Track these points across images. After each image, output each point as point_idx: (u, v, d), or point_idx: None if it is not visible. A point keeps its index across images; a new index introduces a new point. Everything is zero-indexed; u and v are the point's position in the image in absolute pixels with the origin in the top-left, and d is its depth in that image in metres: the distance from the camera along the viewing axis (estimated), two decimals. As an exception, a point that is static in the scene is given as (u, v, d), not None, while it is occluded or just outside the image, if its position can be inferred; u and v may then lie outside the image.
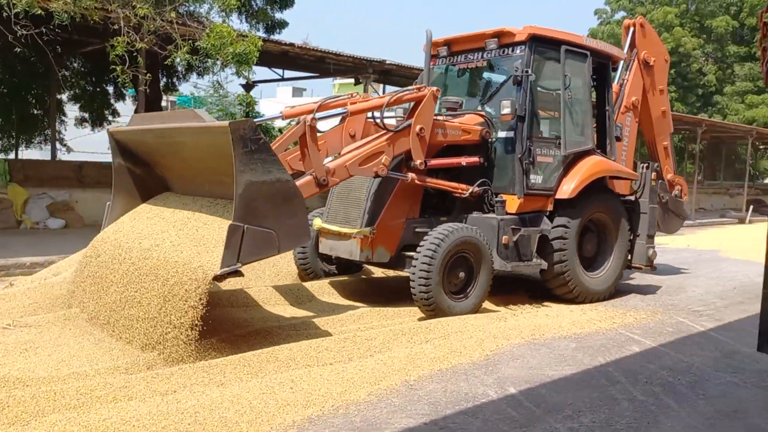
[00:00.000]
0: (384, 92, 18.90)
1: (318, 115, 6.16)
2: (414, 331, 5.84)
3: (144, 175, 6.35)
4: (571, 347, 5.86)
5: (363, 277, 8.03)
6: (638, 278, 9.69)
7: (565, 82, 7.61)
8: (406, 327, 5.91)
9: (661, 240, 12.09)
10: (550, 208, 7.58)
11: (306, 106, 6.63)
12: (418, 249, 6.39)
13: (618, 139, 8.69)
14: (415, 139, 6.73)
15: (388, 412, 4.24)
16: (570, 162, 7.68)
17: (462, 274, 6.64)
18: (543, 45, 7.56)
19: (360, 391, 4.56)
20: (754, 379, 5.26)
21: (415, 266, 6.31)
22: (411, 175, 6.79)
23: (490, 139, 7.45)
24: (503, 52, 7.61)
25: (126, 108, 20.34)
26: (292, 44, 12.46)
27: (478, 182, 7.26)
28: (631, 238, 8.31)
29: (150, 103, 12.36)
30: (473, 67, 8.07)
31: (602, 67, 8.41)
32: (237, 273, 4.93)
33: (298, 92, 51.56)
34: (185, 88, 28.91)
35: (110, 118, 18.76)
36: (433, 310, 6.35)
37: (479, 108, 7.86)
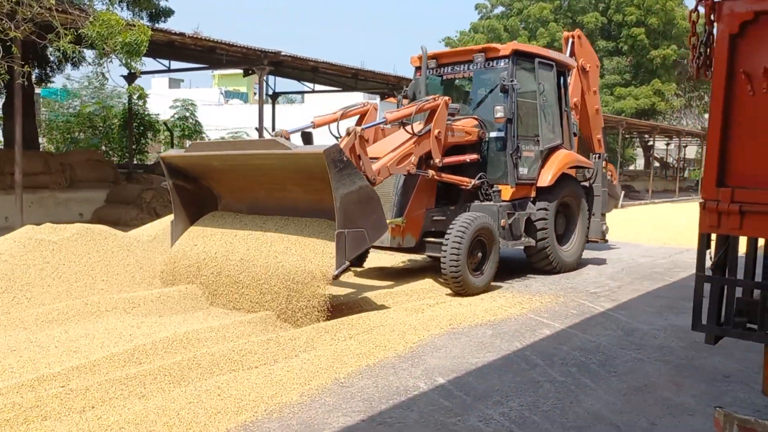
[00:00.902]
0: (272, 84, 18.82)
1: (364, 126, 7.22)
2: (337, 329, 5.78)
3: (199, 194, 7.29)
4: (488, 334, 6.04)
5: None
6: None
7: (539, 89, 9.07)
8: (329, 325, 5.84)
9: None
10: (533, 194, 9.02)
11: (330, 115, 7.76)
12: (447, 235, 7.47)
13: (574, 134, 10.16)
14: (434, 141, 7.74)
15: (323, 412, 4.18)
16: (546, 155, 9.15)
17: (479, 254, 7.77)
18: (521, 58, 8.89)
19: (291, 392, 4.46)
20: (656, 354, 5.66)
21: (445, 250, 7.36)
22: (431, 172, 7.89)
23: (484, 139, 8.67)
24: (488, 64, 8.90)
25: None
26: (182, 34, 11.90)
27: (478, 176, 8.47)
28: (589, 216, 9.92)
29: (26, 98, 11.41)
30: (460, 77, 9.41)
31: (561, 75, 9.76)
32: (346, 270, 6.06)
33: (175, 83, 49.54)
34: (58, 80, 27.00)
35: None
36: (461, 285, 7.42)
37: (471, 112, 8.99)
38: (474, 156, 8.52)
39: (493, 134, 8.69)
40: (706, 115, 40.33)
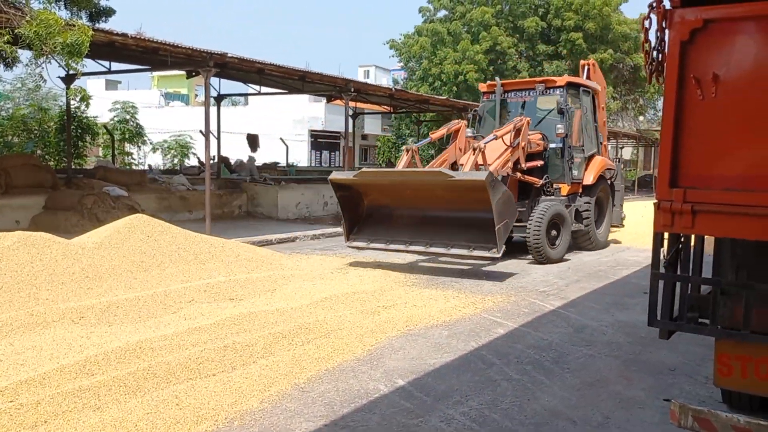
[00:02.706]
0: (217, 86, 18.52)
1: (484, 142, 9.89)
2: (294, 333, 5.75)
3: (360, 203, 10.04)
4: (444, 335, 6.11)
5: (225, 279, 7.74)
6: (487, 265, 10.33)
7: (582, 110, 11.89)
8: (285, 329, 5.80)
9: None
10: (580, 191, 11.77)
11: (442, 130, 11.16)
12: (530, 219, 10.17)
13: (601, 143, 12.84)
14: (522, 151, 10.56)
15: (285, 418, 4.15)
16: (588, 161, 11.94)
17: (554, 233, 10.48)
18: (571, 87, 11.76)
19: (251, 399, 4.41)
20: (606, 350, 5.85)
21: (529, 229, 10.11)
22: (518, 174, 10.72)
23: (547, 149, 11.36)
24: (547, 92, 11.66)
25: None
26: (125, 34, 11.53)
27: (544, 177, 11.19)
28: (612, 207, 12.84)
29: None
30: (520, 100, 11.99)
31: (593, 98, 12.61)
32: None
33: (112, 85, 48.12)
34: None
35: None
36: (541, 255, 10.14)
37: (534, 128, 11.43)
38: (541, 162, 11.25)
39: (552, 145, 11.39)
40: (641, 118, 41.82)
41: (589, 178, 11.79)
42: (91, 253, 7.41)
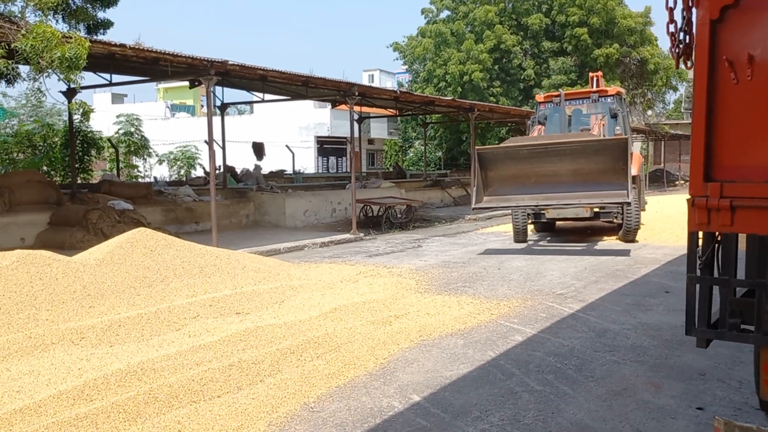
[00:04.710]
0: (220, 95, 18.33)
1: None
2: (302, 348, 5.49)
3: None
4: (459, 344, 5.84)
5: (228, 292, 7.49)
6: (500, 267, 10.04)
7: (622, 113, 13.82)
8: (294, 344, 5.55)
9: (498, 229, 12.78)
10: None
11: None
12: (628, 207, 12.13)
13: None
14: None
15: (294, 443, 3.89)
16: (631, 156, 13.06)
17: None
18: (619, 96, 13.97)
19: (258, 422, 4.16)
20: (630, 355, 5.55)
21: (630, 214, 12.37)
22: None
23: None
24: (599, 99, 13.83)
25: None
26: (123, 45, 11.34)
27: None
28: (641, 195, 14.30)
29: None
30: (576, 108, 14.17)
31: (624, 102, 14.75)
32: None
33: (118, 99, 48.22)
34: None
35: None
36: (635, 235, 12.64)
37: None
38: None
39: None
40: (649, 112, 41.29)
41: (634, 170, 13.08)
42: (93, 270, 7.19)
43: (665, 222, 15.72)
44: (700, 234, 2.92)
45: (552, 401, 4.52)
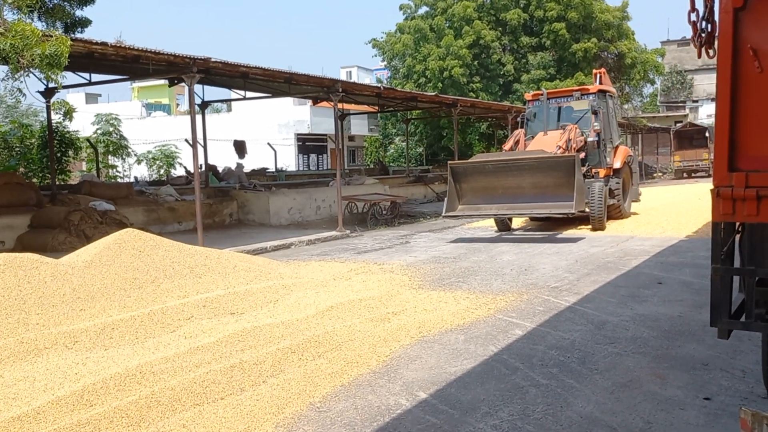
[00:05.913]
0: (201, 93, 18.03)
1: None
2: (303, 348, 5.41)
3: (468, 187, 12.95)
4: (461, 340, 5.80)
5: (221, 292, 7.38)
6: (491, 261, 10.03)
7: (608, 109, 14.87)
8: (294, 344, 5.46)
9: (484, 224, 12.79)
10: (610, 173, 14.42)
11: (510, 140, 14.67)
12: (591, 196, 12.95)
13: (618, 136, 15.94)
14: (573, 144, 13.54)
15: (304, 444, 3.82)
16: (615, 150, 14.92)
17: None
18: (601, 93, 14.74)
19: (265, 424, 4.08)
20: (632, 346, 5.55)
21: (593, 203, 12.96)
22: None
23: (586, 142, 13.82)
24: (581, 97, 14.67)
25: None
26: (104, 43, 11.11)
27: (586, 164, 13.67)
28: (631, 185, 15.60)
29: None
30: (562, 106, 14.98)
31: (613, 99, 15.73)
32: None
33: (92, 98, 47.47)
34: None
35: None
36: (602, 223, 13.26)
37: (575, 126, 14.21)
38: (584, 153, 13.58)
39: (590, 138, 13.92)
40: (626, 105, 41.65)
41: (617, 164, 14.67)
42: (82, 272, 7.03)
43: (649, 214, 15.85)
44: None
45: (560, 395, 4.50)
